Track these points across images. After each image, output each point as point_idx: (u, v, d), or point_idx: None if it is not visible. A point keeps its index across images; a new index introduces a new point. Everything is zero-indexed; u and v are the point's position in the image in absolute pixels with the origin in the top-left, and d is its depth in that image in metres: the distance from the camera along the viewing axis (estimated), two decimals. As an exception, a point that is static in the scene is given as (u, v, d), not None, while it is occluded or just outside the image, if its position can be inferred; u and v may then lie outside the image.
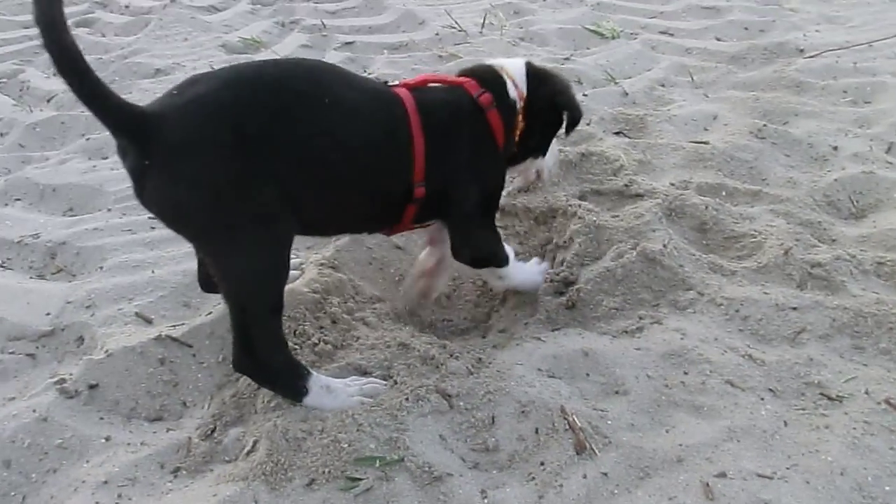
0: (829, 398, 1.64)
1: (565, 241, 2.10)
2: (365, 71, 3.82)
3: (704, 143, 2.71)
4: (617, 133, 2.90)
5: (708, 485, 1.41)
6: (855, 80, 3.29)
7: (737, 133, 2.79)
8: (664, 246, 2.00)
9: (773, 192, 2.44)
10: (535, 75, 1.91)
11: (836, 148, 2.72)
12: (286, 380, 1.60)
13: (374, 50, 4.11)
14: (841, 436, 1.53)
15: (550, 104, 1.90)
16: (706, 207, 2.25)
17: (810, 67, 3.43)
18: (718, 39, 4.05)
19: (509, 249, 1.93)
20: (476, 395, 1.62)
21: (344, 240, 2.22)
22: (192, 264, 2.19)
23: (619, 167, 2.46)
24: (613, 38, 4.08)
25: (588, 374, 1.72)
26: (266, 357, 1.57)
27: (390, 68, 3.74)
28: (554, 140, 2.07)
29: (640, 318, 1.88)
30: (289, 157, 1.49)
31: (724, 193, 2.44)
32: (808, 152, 2.72)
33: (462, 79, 1.84)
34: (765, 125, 2.83)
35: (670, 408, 1.63)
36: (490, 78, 1.85)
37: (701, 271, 2.00)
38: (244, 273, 1.51)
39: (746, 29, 4.14)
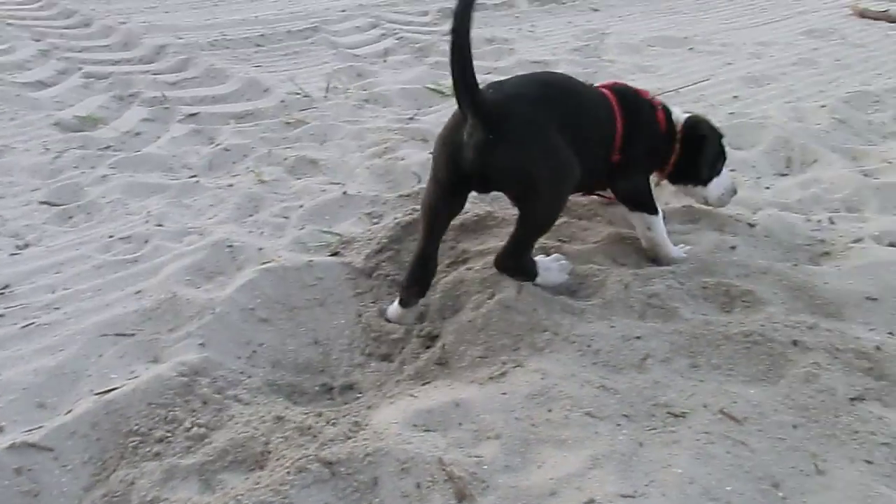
0: (675, 415, 1.83)
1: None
2: (212, 142, 3.78)
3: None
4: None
5: (579, 512, 1.53)
6: (667, 123, 3.68)
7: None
8: (518, 293, 2.15)
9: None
10: (693, 124, 2.58)
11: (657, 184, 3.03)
12: (528, 272, 2.22)
13: (219, 120, 4.06)
14: (688, 448, 1.70)
15: (698, 136, 2.56)
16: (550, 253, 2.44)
17: (629, 114, 3.79)
18: (548, 92, 4.37)
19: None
20: (356, 458, 1.66)
21: (207, 318, 2.20)
22: (44, 361, 2.07)
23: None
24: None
25: (461, 424, 1.80)
26: (525, 258, 2.22)
27: (238, 138, 3.73)
28: (725, 174, 2.67)
29: (503, 363, 1.99)
30: (574, 134, 2.14)
31: (563, 239, 2.64)
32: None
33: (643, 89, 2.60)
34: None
35: (539, 445, 1.74)
36: (665, 105, 2.59)
37: (554, 313, 2.16)
38: (552, 207, 2.17)
39: (572, 81, 4.52)
